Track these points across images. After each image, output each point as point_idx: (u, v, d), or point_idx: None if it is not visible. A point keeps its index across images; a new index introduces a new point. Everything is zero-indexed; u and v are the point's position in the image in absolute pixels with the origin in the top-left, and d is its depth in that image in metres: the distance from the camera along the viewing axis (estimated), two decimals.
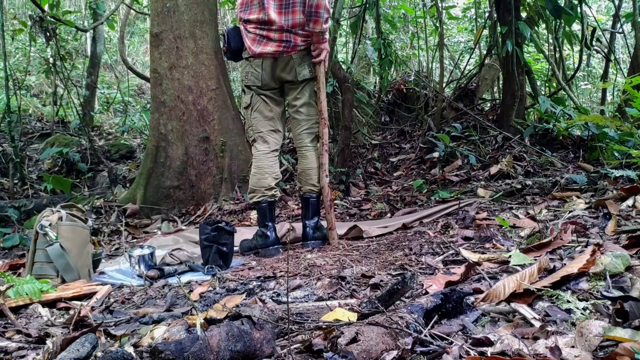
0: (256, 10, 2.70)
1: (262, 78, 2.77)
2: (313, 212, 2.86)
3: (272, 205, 2.83)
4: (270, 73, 2.76)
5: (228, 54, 2.84)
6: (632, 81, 2.89)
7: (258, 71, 2.76)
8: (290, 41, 2.70)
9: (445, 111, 5.52)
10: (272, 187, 2.80)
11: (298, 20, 2.67)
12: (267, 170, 2.80)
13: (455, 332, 1.28)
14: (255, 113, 2.84)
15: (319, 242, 2.81)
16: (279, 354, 1.22)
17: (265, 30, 2.71)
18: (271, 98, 2.83)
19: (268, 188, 2.79)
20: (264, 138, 2.83)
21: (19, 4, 10.29)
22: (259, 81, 2.77)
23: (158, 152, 4.19)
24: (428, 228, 2.81)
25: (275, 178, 2.82)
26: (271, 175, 2.80)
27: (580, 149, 4.20)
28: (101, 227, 3.76)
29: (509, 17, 4.41)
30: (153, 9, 4.25)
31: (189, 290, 2.12)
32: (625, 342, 1.02)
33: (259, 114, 2.83)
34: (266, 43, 2.71)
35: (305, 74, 2.77)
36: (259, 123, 2.83)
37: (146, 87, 9.57)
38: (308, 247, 2.78)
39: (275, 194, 2.83)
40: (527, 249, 1.94)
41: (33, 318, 1.86)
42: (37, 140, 6.04)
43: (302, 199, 2.90)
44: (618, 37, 6.19)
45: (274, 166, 2.84)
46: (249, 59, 2.78)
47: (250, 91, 2.83)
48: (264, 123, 2.83)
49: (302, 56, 2.75)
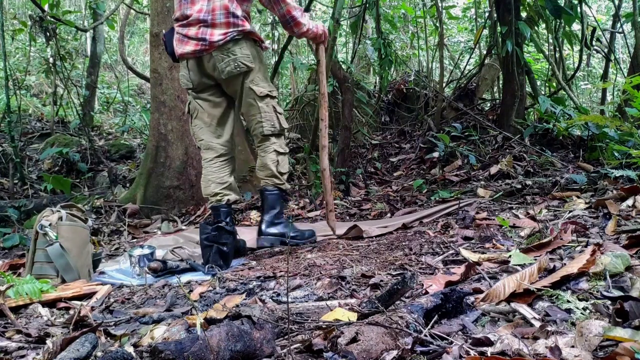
0: (178, 6, 2.59)
1: (191, 79, 2.64)
2: (269, 206, 2.71)
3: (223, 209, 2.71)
4: (199, 72, 2.62)
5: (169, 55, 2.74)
6: (632, 81, 2.90)
7: (185, 73, 2.65)
8: (205, 39, 2.52)
9: (445, 111, 5.52)
10: (216, 192, 2.70)
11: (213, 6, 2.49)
12: (210, 177, 2.72)
13: (455, 332, 1.28)
14: (196, 120, 2.74)
15: (272, 238, 2.67)
16: (279, 354, 1.22)
17: (186, 28, 2.56)
18: (208, 101, 2.71)
19: (213, 194, 2.71)
20: (207, 145, 2.73)
21: (19, 4, 10.29)
22: (190, 82, 2.65)
23: (158, 152, 4.19)
24: (428, 228, 2.81)
25: (220, 184, 2.71)
26: (215, 182, 2.71)
27: (580, 149, 4.20)
28: (101, 227, 3.76)
29: (509, 17, 4.41)
30: (153, 9, 4.25)
31: (189, 290, 2.12)
32: (625, 342, 1.02)
33: (199, 121, 2.73)
34: (186, 42, 2.57)
35: (229, 71, 2.56)
36: (200, 131, 2.74)
37: (146, 87, 9.58)
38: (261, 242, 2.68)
39: (222, 198, 2.70)
40: (527, 248, 1.94)
41: (33, 318, 1.86)
42: (37, 140, 6.04)
43: (260, 193, 2.80)
44: (618, 37, 6.19)
45: (219, 172, 2.73)
46: (179, 61, 2.67)
47: (189, 97, 2.74)
48: (205, 130, 2.73)
49: (224, 51, 2.54)
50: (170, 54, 2.70)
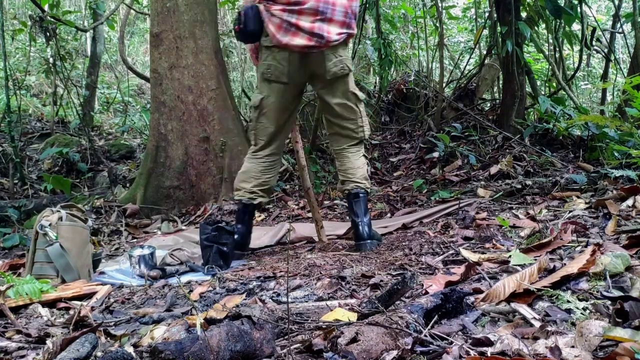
0: None
1: (288, 74, 2.38)
2: (364, 210, 2.53)
3: (250, 208, 2.63)
4: (300, 68, 2.38)
5: (241, 35, 2.38)
6: (632, 81, 2.90)
7: (284, 65, 2.36)
8: (323, 36, 2.29)
9: (445, 111, 5.52)
10: (253, 191, 2.58)
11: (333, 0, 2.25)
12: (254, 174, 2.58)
13: (455, 332, 1.28)
14: (263, 119, 2.52)
15: (375, 242, 2.53)
16: (279, 354, 1.22)
17: (295, 15, 2.27)
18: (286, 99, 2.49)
19: (249, 191, 2.58)
20: (266, 143, 2.57)
21: (19, 4, 10.28)
22: (285, 77, 2.39)
23: (158, 152, 4.19)
24: (428, 228, 2.81)
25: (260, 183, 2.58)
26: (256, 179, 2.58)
27: (580, 149, 4.20)
28: (101, 227, 3.76)
29: (509, 17, 4.41)
30: (153, 9, 4.25)
31: (189, 290, 2.12)
32: (625, 342, 1.02)
33: (267, 120, 2.52)
34: (294, 33, 2.28)
35: (335, 72, 2.41)
36: (265, 130, 2.54)
37: (146, 87, 9.57)
38: (366, 248, 2.48)
39: (255, 198, 2.59)
40: (527, 249, 1.94)
41: (33, 318, 1.86)
42: (37, 140, 6.03)
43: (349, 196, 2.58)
44: (618, 37, 6.19)
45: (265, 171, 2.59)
46: (271, 49, 2.37)
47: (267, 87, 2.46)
48: (270, 129, 2.53)
49: (334, 51, 2.38)
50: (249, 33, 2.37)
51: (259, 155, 2.61)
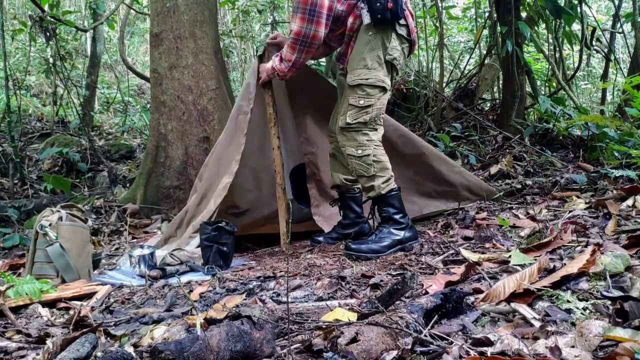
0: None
1: (402, 65, 2.50)
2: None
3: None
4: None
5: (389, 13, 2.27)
6: (632, 81, 2.89)
7: (403, 59, 2.46)
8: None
9: (445, 111, 5.52)
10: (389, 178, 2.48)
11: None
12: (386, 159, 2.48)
13: (455, 332, 1.28)
14: (384, 99, 2.44)
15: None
16: (279, 354, 1.22)
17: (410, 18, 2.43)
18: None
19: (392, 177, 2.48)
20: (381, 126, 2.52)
21: (19, 4, 10.29)
22: (399, 69, 2.50)
23: (158, 152, 4.19)
24: (428, 228, 2.81)
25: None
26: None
27: (580, 149, 4.20)
28: (101, 227, 3.76)
29: (509, 17, 4.41)
30: (153, 9, 4.25)
31: (189, 290, 2.12)
32: (625, 342, 1.02)
33: (386, 101, 2.46)
34: (414, 31, 2.50)
35: None
36: (381, 110, 2.45)
37: (146, 87, 9.57)
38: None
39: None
40: (527, 248, 1.94)
41: (33, 318, 1.86)
42: (37, 140, 6.03)
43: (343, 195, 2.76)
44: (618, 37, 6.19)
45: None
46: (402, 39, 2.40)
47: (388, 72, 2.41)
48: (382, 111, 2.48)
49: None
50: (393, 14, 2.30)
51: (380, 143, 2.48)
